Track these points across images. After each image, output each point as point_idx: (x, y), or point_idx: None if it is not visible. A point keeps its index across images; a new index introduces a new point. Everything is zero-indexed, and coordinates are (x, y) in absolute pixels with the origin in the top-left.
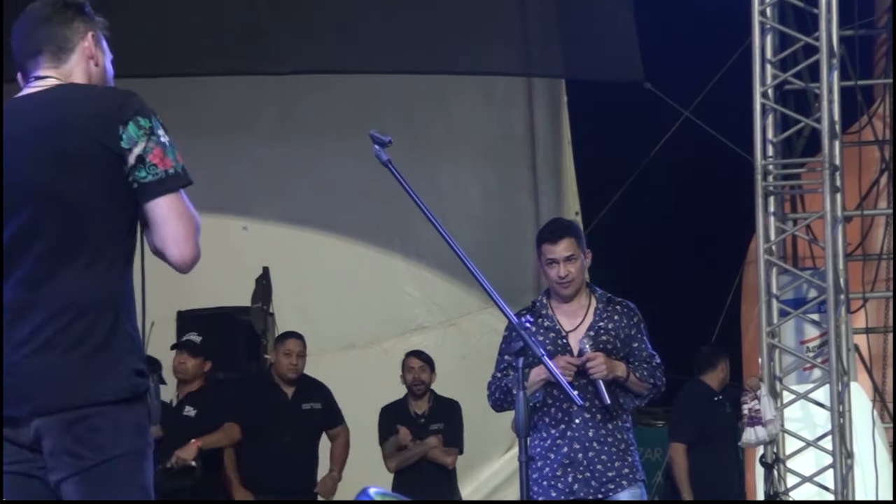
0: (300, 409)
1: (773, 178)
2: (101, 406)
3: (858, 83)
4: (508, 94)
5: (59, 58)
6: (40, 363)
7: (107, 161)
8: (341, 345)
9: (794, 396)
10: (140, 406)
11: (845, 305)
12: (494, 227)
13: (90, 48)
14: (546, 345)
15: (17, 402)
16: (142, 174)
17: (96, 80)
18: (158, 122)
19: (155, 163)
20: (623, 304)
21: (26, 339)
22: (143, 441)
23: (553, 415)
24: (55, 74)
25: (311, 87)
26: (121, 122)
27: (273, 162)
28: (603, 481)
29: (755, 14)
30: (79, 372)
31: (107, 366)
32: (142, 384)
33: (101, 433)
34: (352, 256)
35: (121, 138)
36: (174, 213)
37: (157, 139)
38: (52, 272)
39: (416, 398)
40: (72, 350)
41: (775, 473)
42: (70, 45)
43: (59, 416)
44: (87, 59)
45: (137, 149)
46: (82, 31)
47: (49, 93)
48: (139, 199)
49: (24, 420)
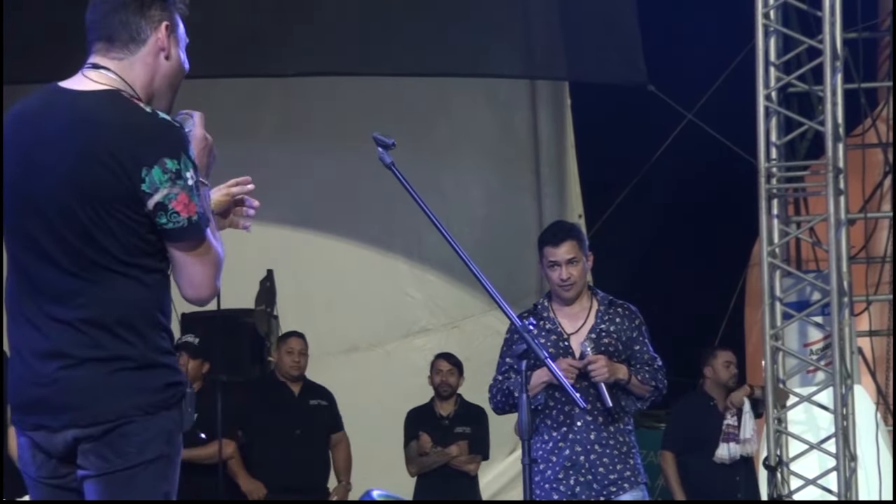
0: (308, 405)
1: (777, 181)
2: (133, 416)
3: (862, 86)
4: (512, 97)
5: (126, 48)
6: (75, 377)
7: (129, 198)
8: (344, 347)
9: (797, 399)
10: (173, 413)
11: (849, 308)
12: (497, 229)
13: (163, 40)
14: (547, 347)
15: (53, 414)
16: (163, 220)
17: (163, 75)
18: (188, 162)
19: (178, 210)
20: (625, 307)
21: (59, 352)
22: (170, 448)
23: (555, 417)
24: (114, 67)
25: (314, 90)
26: (145, 165)
27: (276, 164)
28: (605, 484)
29: (759, 17)
30: (113, 386)
31: (140, 380)
32: (174, 395)
33: (131, 440)
34: (355, 259)
35: (143, 181)
36: (194, 259)
37: (184, 183)
38: (81, 286)
39: (443, 400)
40: (105, 364)
41: (779, 476)
42: (142, 37)
43: (94, 428)
44: (157, 52)
45: (158, 195)
46: (157, 21)
47: (94, 103)
48: (164, 238)
49: (59, 429)
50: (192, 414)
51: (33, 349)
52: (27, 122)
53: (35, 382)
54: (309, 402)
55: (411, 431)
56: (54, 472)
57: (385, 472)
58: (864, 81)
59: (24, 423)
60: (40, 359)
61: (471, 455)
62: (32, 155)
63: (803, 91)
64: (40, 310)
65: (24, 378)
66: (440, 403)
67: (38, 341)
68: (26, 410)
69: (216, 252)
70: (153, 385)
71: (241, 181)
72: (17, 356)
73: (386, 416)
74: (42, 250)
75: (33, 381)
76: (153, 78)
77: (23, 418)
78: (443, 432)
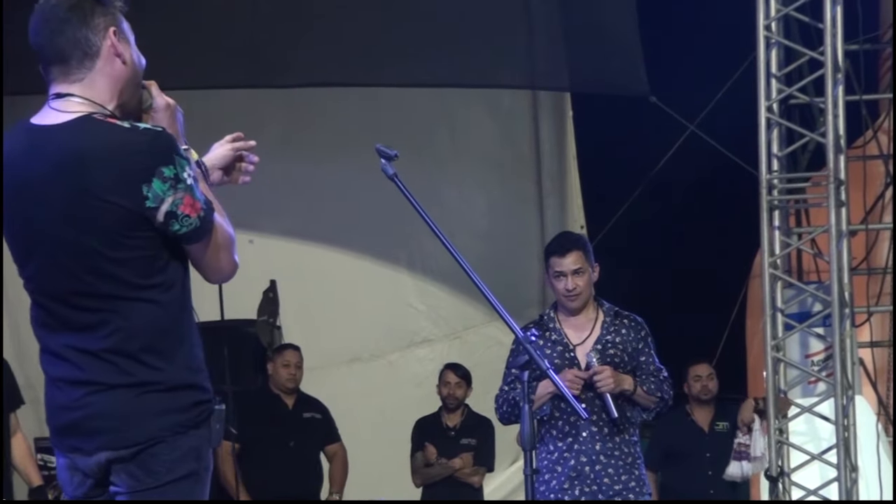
0: (302, 418)
1: (778, 192)
2: (163, 437)
3: (863, 98)
4: (514, 108)
5: (83, 65)
6: (104, 402)
7: (134, 222)
8: (347, 357)
9: (798, 410)
10: (202, 431)
11: (850, 319)
12: (500, 240)
13: (114, 46)
14: (553, 358)
15: (86, 437)
16: (175, 227)
17: (124, 81)
18: (183, 161)
19: (187, 213)
20: (631, 318)
21: (88, 381)
22: (199, 465)
23: (560, 428)
24: (77, 91)
25: (317, 101)
26: (144, 181)
27: (279, 175)
28: (610, 494)
29: (760, 28)
30: (142, 409)
31: (168, 401)
32: (202, 413)
33: (161, 460)
34: (357, 270)
35: (146, 198)
36: (211, 251)
37: (184, 184)
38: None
39: (450, 411)
40: (133, 389)
41: (780, 487)
42: (94, 50)
43: (125, 450)
44: (112, 59)
45: (165, 206)
46: (103, 29)
47: (69, 136)
48: (179, 243)
49: (93, 451)
50: (220, 430)
51: (63, 378)
52: (12, 167)
53: (67, 407)
54: (303, 415)
55: (418, 442)
56: (90, 491)
57: (388, 482)
58: (865, 93)
59: (61, 445)
60: (70, 385)
61: (475, 467)
62: (27, 202)
63: (805, 103)
64: (65, 343)
65: (57, 402)
66: (447, 414)
67: (66, 371)
68: (62, 434)
69: (226, 232)
70: (180, 405)
71: (240, 136)
72: (50, 383)
73: (388, 426)
74: (57, 291)
75: (65, 406)
76: (116, 86)
77: (59, 441)
78: (449, 443)
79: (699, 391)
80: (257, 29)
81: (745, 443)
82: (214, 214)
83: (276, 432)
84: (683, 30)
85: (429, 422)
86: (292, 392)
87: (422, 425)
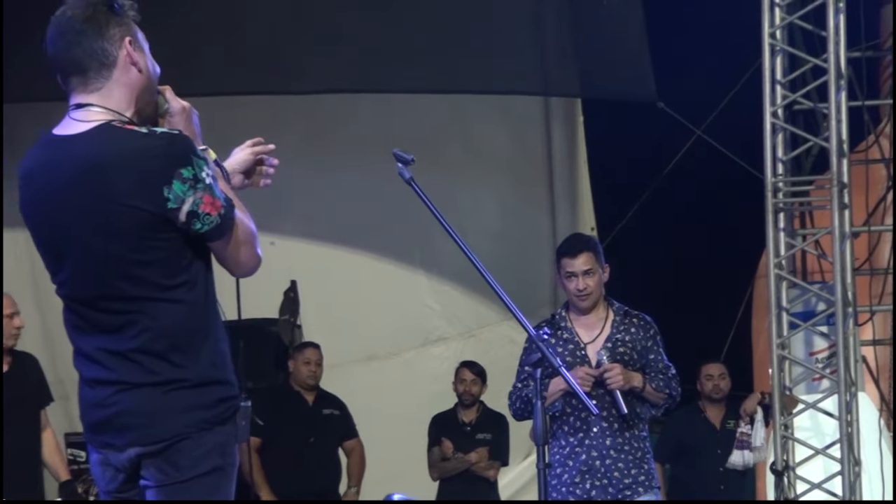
0: (322, 414)
1: (783, 195)
2: (189, 433)
3: (865, 103)
4: (526, 114)
5: (100, 75)
6: (132, 400)
7: (157, 224)
8: (365, 355)
9: (803, 406)
10: (227, 427)
11: (853, 318)
12: (512, 242)
13: (130, 55)
14: (565, 356)
15: (116, 433)
16: (198, 226)
17: (140, 89)
18: (200, 161)
19: (208, 211)
20: (640, 317)
21: (117, 380)
22: (224, 461)
23: (572, 423)
24: (96, 101)
25: (336, 108)
26: (164, 184)
27: (299, 179)
28: (620, 488)
29: (765, 36)
30: (168, 407)
31: (194, 398)
32: (228, 409)
33: (187, 455)
34: (375, 270)
35: (167, 199)
36: (233, 247)
37: (203, 184)
38: (129, 320)
39: (465, 407)
40: (160, 387)
41: (785, 480)
42: (110, 60)
43: (153, 446)
44: (128, 67)
45: (186, 206)
46: (119, 39)
47: (89, 144)
48: (202, 241)
49: (123, 447)
50: (246, 427)
51: (95, 378)
52: (37, 178)
53: (99, 405)
54: (322, 412)
55: (434, 437)
56: (122, 486)
57: (405, 476)
58: (867, 99)
59: (95, 441)
60: (101, 385)
61: (490, 461)
62: (53, 211)
63: (808, 108)
64: (96, 346)
65: (90, 400)
66: (463, 410)
67: (98, 372)
68: (95, 431)
69: (247, 227)
70: (206, 402)
71: (259, 140)
72: (83, 382)
73: (405, 422)
74: (87, 296)
75: (97, 404)
76: (133, 94)
77: (93, 437)
78: (465, 438)
79: (710, 390)
80: (278, 38)
81: (746, 432)
82: (235, 211)
83: (296, 429)
84: (690, 38)
85: (445, 417)
86: (312, 389)
87: (438, 421)
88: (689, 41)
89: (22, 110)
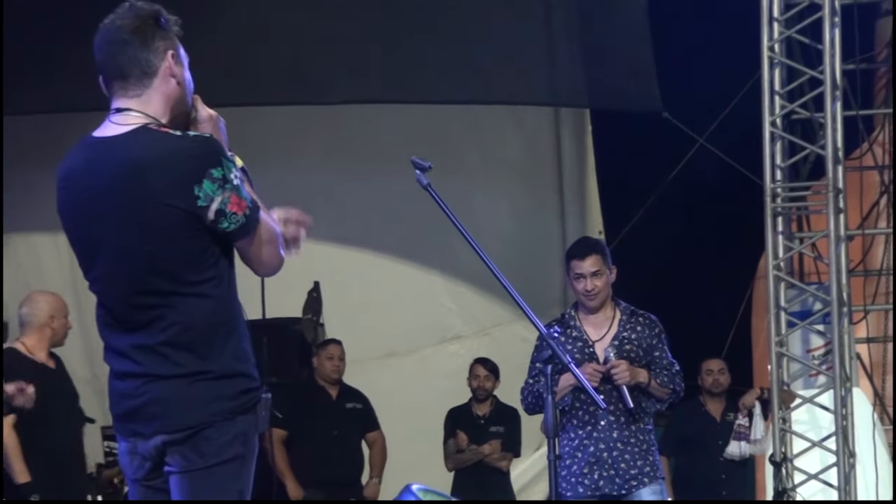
0: (345, 408)
1: (781, 200)
2: (213, 422)
3: (860, 113)
4: (537, 123)
5: (140, 83)
6: (159, 390)
7: (188, 222)
8: (384, 352)
9: (800, 401)
10: (249, 417)
11: (848, 317)
12: (525, 244)
13: (171, 67)
14: (574, 353)
15: (143, 422)
16: (224, 224)
17: (175, 99)
18: (229, 163)
19: (234, 211)
20: (646, 317)
21: (145, 373)
22: (245, 449)
23: (580, 417)
24: (136, 107)
25: (356, 117)
26: (195, 183)
27: (322, 186)
28: (626, 478)
29: (764, 49)
30: (194, 396)
31: (218, 388)
32: (250, 400)
33: (210, 442)
34: (394, 272)
35: (198, 198)
36: (257, 246)
37: (231, 185)
38: (158, 315)
39: (479, 402)
40: (186, 378)
41: (783, 471)
42: (152, 70)
43: (178, 434)
44: (168, 79)
45: (215, 204)
46: (162, 51)
47: (127, 146)
48: (228, 240)
49: (150, 435)
50: (266, 417)
51: (124, 371)
52: (78, 178)
53: (127, 395)
54: (346, 406)
55: (450, 429)
56: (148, 474)
57: (422, 467)
58: (861, 109)
59: (123, 430)
60: (130, 377)
61: (503, 453)
62: (89, 209)
63: (805, 118)
64: (126, 342)
65: (119, 392)
66: (477, 405)
67: (127, 366)
68: (123, 420)
69: (273, 228)
70: (230, 393)
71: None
72: (113, 375)
73: (422, 416)
74: (119, 293)
75: (126, 395)
76: (168, 103)
77: (122, 427)
78: (479, 431)
79: (710, 384)
80: (302, 51)
81: (744, 424)
82: (260, 212)
83: (320, 422)
84: (693, 51)
85: (460, 411)
86: (336, 383)
87: (453, 414)
88: (692, 54)
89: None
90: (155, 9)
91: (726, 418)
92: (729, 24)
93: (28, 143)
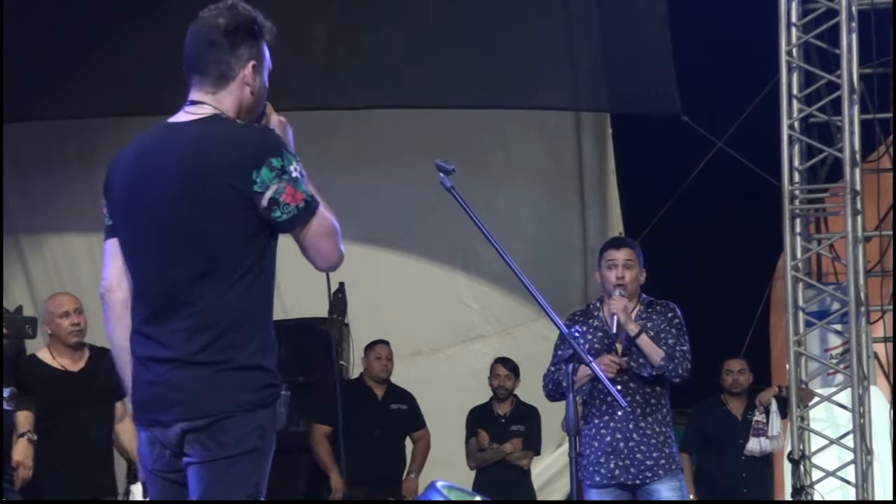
0: (389, 409)
1: (800, 202)
2: (233, 412)
3: (877, 116)
4: (559, 127)
5: (218, 83)
6: (183, 376)
7: (242, 203)
8: (409, 351)
9: (818, 399)
10: (268, 412)
11: (865, 317)
12: (546, 245)
13: (248, 76)
14: (594, 343)
15: (165, 409)
16: (276, 214)
17: (247, 107)
18: (290, 157)
19: (287, 202)
20: (663, 305)
21: (172, 357)
22: (263, 443)
23: (598, 406)
24: (210, 101)
25: (382, 121)
26: (254, 168)
27: (347, 188)
28: (641, 469)
29: (782, 54)
30: (217, 384)
31: (241, 379)
32: (270, 395)
33: (230, 433)
34: (418, 272)
35: (254, 182)
36: (313, 238)
37: (289, 176)
38: (195, 299)
39: (500, 401)
40: (211, 366)
41: (801, 468)
42: (231, 75)
43: (199, 421)
44: (243, 86)
45: (269, 192)
46: (245, 60)
47: (198, 128)
48: (281, 230)
49: (171, 423)
50: (284, 414)
51: (149, 356)
52: (145, 154)
53: (151, 382)
54: (390, 407)
55: (471, 428)
56: (168, 465)
57: (446, 464)
58: (878, 112)
59: (143, 420)
60: (155, 362)
61: (524, 451)
62: (149, 185)
63: (823, 121)
64: (159, 325)
65: (142, 378)
66: (498, 404)
67: (152, 350)
68: (144, 409)
69: (331, 223)
70: (252, 385)
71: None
72: (137, 362)
73: (447, 414)
74: (153, 263)
75: (150, 382)
76: (239, 108)
77: (142, 415)
78: (499, 430)
79: (730, 384)
80: (329, 56)
81: (762, 420)
82: (319, 207)
83: (362, 421)
84: (712, 55)
85: (481, 410)
86: (384, 382)
87: (475, 413)
88: (711, 59)
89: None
90: (252, 15)
91: (747, 417)
92: (748, 29)
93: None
